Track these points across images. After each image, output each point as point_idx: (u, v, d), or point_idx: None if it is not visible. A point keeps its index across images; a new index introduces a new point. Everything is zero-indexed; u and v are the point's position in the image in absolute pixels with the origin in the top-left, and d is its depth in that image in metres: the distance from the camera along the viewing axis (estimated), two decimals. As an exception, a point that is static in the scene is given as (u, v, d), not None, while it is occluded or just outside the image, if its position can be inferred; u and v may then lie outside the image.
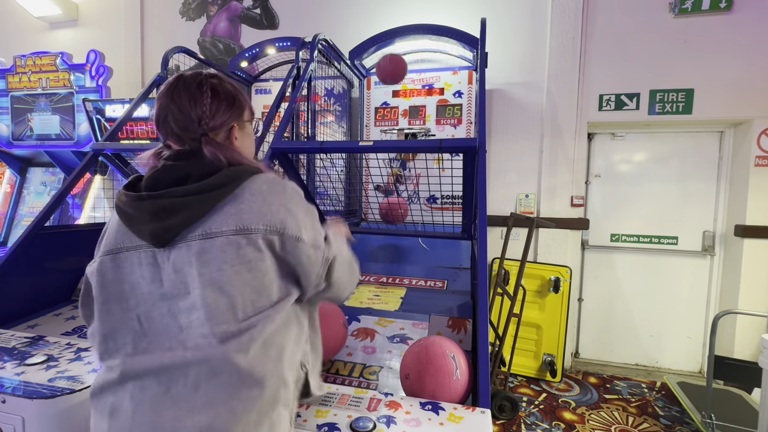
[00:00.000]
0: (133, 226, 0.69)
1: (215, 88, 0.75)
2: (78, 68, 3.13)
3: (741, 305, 2.58)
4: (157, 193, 0.68)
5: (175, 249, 0.67)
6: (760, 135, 2.57)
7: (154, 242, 0.68)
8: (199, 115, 0.72)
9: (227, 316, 0.66)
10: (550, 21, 2.81)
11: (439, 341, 1.13)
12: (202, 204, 0.67)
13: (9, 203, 3.46)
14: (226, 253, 0.66)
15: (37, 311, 1.70)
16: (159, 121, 0.74)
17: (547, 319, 2.71)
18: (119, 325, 0.69)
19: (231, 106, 0.76)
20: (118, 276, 0.70)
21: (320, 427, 0.87)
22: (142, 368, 0.67)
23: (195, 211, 0.67)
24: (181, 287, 0.67)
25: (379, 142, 1.63)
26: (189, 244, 0.67)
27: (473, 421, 0.90)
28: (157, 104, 0.74)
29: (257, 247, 0.67)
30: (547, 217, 2.83)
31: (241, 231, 0.67)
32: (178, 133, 0.73)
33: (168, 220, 0.66)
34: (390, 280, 2.02)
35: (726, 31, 2.59)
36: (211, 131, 0.74)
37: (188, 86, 0.73)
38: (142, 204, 0.68)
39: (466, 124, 2.74)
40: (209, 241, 0.66)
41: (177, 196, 0.67)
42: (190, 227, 0.67)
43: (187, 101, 0.72)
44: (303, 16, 3.31)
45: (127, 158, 2.13)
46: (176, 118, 0.72)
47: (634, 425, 2.22)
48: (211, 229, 0.67)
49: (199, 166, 0.70)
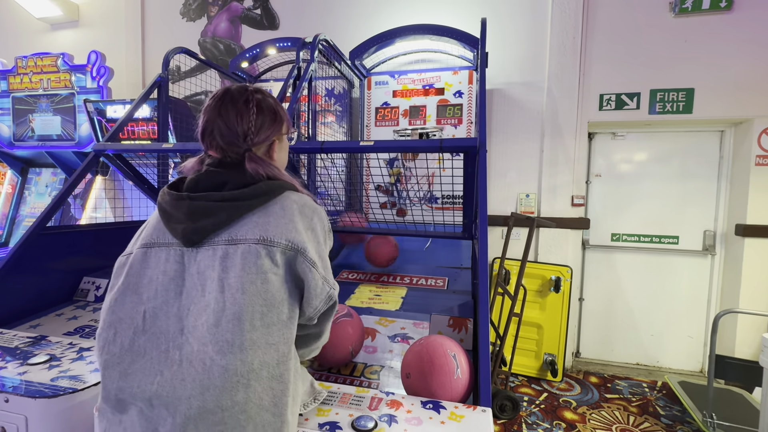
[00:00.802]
0: (170, 224, 0.72)
1: (260, 104, 0.78)
2: (79, 69, 3.14)
3: (742, 304, 2.58)
4: (195, 195, 0.71)
5: (202, 251, 0.70)
6: (760, 134, 2.57)
7: (184, 241, 0.70)
8: (245, 131, 0.76)
9: (233, 324, 0.64)
10: (551, 21, 2.82)
11: (441, 340, 1.14)
12: (234, 211, 0.70)
13: (10, 204, 3.47)
14: (246, 260, 0.67)
15: (39, 311, 1.71)
16: (205, 134, 0.77)
17: (548, 319, 2.71)
18: (124, 317, 0.69)
19: (273, 121, 0.80)
20: (142, 268, 0.72)
21: (322, 425, 0.87)
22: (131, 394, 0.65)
23: (225, 216, 0.70)
24: (199, 288, 0.68)
25: (380, 142, 1.63)
26: (215, 248, 0.69)
27: (474, 419, 0.90)
28: (204, 117, 0.77)
29: (275, 261, 0.68)
30: (548, 216, 2.84)
31: (263, 241, 0.68)
32: (223, 147, 0.76)
33: (200, 222, 0.69)
34: (391, 280, 2.02)
35: (726, 31, 2.59)
36: (254, 146, 0.77)
37: (235, 102, 0.76)
38: (180, 203, 0.71)
39: (467, 124, 2.74)
40: (233, 246, 0.69)
41: (212, 200, 0.70)
42: (219, 231, 0.70)
43: (234, 116, 0.75)
44: (303, 16, 3.32)
45: (128, 159, 2.14)
46: (222, 133, 0.75)
47: (635, 425, 2.22)
48: (237, 236, 0.69)
49: (238, 176, 0.73)
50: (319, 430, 0.86)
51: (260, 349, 0.65)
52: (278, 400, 0.66)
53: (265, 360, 0.66)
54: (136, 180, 2.17)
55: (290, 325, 0.71)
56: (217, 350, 0.63)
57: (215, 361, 0.63)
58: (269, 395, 0.65)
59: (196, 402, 0.62)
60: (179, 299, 0.68)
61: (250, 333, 0.65)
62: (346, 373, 1.32)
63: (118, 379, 0.66)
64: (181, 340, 0.66)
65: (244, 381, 0.63)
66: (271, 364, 0.66)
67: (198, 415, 0.61)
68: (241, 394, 0.63)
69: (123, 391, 0.65)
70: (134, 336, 0.68)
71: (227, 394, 0.62)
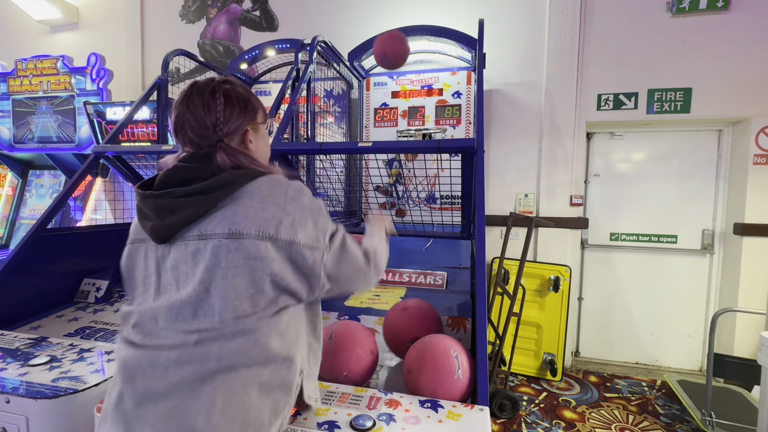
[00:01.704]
0: (142, 221, 0.74)
1: (228, 94, 0.77)
2: (79, 71, 3.15)
3: (740, 303, 2.59)
4: (159, 193, 0.71)
5: (174, 246, 0.71)
6: (758, 133, 2.58)
7: (153, 238, 0.72)
8: (214, 122, 0.75)
9: (208, 317, 0.66)
10: (548, 21, 2.83)
11: (444, 340, 1.13)
12: (199, 205, 0.69)
13: (11, 206, 3.48)
14: (217, 255, 0.67)
15: (40, 313, 1.72)
16: (177, 129, 0.77)
17: (547, 318, 2.72)
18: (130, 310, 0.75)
19: (244, 110, 0.79)
20: (129, 264, 0.77)
21: (320, 425, 0.87)
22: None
23: (192, 211, 0.69)
24: (173, 283, 0.70)
25: (378, 143, 1.64)
26: (186, 244, 0.70)
27: (472, 418, 0.91)
28: (174, 113, 0.77)
29: (247, 253, 0.67)
30: (547, 216, 2.84)
31: (233, 235, 0.67)
32: (195, 140, 0.76)
33: (167, 219, 0.70)
34: (390, 279, 2.03)
35: (723, 30, 2.60)
36: (226, 137, 0.76)
37: (202, 93, 0.76)
38: (146, 201, 0.73)
39: (465, 125, 2.75)
40: (203, 242, 0.68)
41: (176, 197, 0.70)
42: (188, 227, 0.70)
43: (201, 108, 0.75)
44: (302, 18, 3.33)
45: (128, 160, 2.14)
46: (192, 126, 0.75)
47: (635, 423, 2.22)
48: (206, 231, 0.69)
49: (206, 169, 0.72)
50: (318, 429, 0.86)
51: (233, 341, 0.66)
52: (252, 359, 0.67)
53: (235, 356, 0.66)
54: (136, 182, 2.18)
55: (274, 305, 0.70)
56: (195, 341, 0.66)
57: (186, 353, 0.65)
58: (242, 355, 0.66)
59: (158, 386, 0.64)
60: (159, 293, 0.71)
61: (221, 325, 0.66)
62: (345, 373, 1.33)
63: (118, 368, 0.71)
64: (157, 330, 0.69)
65: (210, 375, 0.64)
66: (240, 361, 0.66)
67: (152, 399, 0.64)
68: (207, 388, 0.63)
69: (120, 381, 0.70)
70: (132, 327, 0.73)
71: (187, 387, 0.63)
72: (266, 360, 0.68)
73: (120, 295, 1.93)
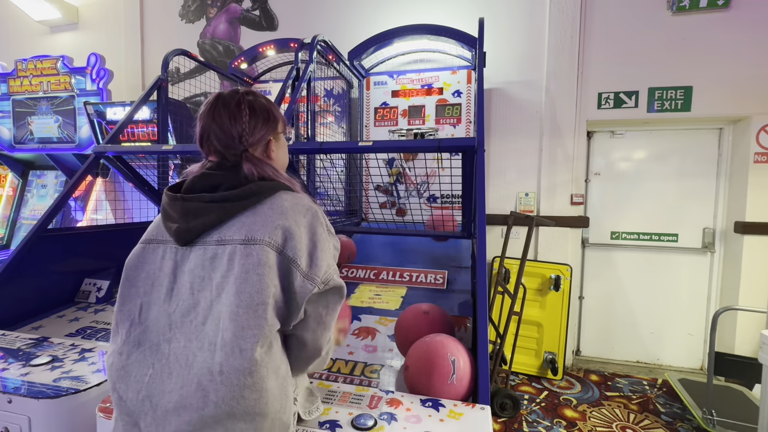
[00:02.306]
0: (167, 223, 0.75)
1: (252, 106, 0.80)
2: (79, 71, 3.15)
3: (741, 302, 2.58)
4: (188, 196, 0.74)
5: (195, 250, 0.72)
6: (759, 131, 2.57)
7: (177, 240, 0.73)
8: (240, 133, 0.77)
9: (215, 324, 0.66)
10: (549, 20, 2.82)
11: (445, 342, 1.13)
12: (223, 212, 0.72)
13: (11, 206, 3.48)
14: (231, 261, 0.68)
15: (41, 313, 1.72)
16: (203, 140, 0.79)
17: (548, 317, 2.72)
18: (124, 309, 0.74)
19: (267, 120, 0.81)
20: (140, 263, 0.76)
21: (322, 424, 0.88)
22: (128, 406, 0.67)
23: (216, 217, 0.72)
24: (188, 286, 0.70)
25: (379, 142, 1.64)
26: (206, 248, 0.71)
27: (473, 417, 0.91)
28: (200, 124, 0.80)
29: (258, 259, 0.67)
30: (547, 215, 2.84)
31: (248, 241, 0.69)
32: (221, 150, 0.78)
33: (192, 222, 0.72)
34: (391, 279, 2.03)
35: (724, 29, 2.59)
36: (251, 146, 0.79)
37: (227, 105, 0.78)
38: (175, 204, 0.74)
39: (466, 124, 2.74)
40: (221, 247, 0.70)
41: (203, 201, 0.73)
42: (209, 232, 0.72)
43: (227, 120, 0.77)
44: (302, 17, 3.32)
45: (128, 161, 2.14)
46: (218, 137, 0.77)
47: (636, 422, 2.22)
48: (225, 237, 0.71)
49: (233, 177, 0.75)
50: (320, 428, 0.86)
51: (236, 350, 0.64)
52: (251, 407, 0.64)
53: (239, 363, 0.64)
54: (137, 182, 2.18)
55: (272, 326, 0.68)
56: (199, 347, 0.66)
57: (197, 358, 0.65)
58: (240, 401, 0.63)
59: (175, 397, 0.64)
60: (170, 295, 0.71)
61: (224, 333, 0.65)
62: (346, 372, 1.33)
63: (118, 370, 0.69)
64: (170, 335, 0.68)
65: (216, 381, 0.63)
66: (245, 369, 0.64)
67: (173, 409, 0.63)
68: (212, 396, 0.63)
69: (120, 381, 0.68)
70: (131, 328, 0.72)
71: (200, 393, 0.63)
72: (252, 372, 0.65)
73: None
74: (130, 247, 0.80)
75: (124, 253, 0.79)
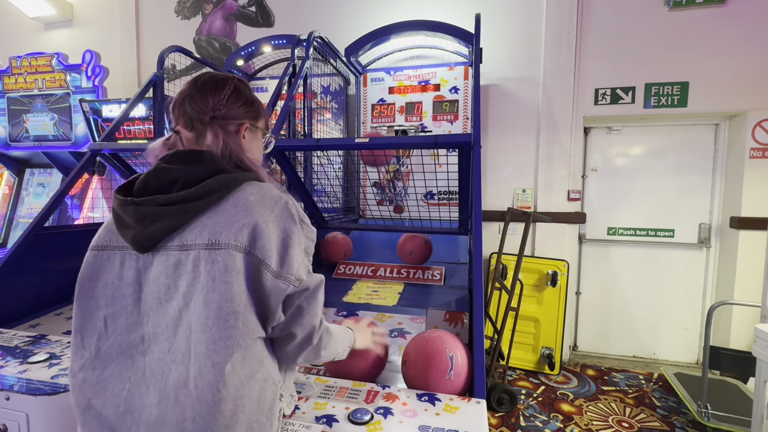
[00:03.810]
0: (121, 228, 0.69)
1: (238, 87, 0.77)
2: (74, 69, 3.13)
3: (737, 296, 2.60)
4: (140, 200, 0.67)
5: (158, 256, 0.67)
6: (754, 127, 2.58)
7: (136, 247, 0.67)
8: (215, 102, 0.74)
9: (186, 335, 0.63)
10: (546, 16, 2.82)
11: (444, 337, 1.13)
12: (183, 214, 0.66)
13: (8, 204, 3.47)
14: (197, 268, 0.63)
15: (38, 311, 1.72)
16: (176, 104, 0.75)
17: (545, 313, 2.74)
18: (87, 323, 0.68)
19: (247, 106, 0.78)
20: (94, 272, 0.69)
21: (318, 418, 0.88)
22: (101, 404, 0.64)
23: (176, 220, 0.66)
24: (155, 296, 0.66)
25: (375, 139, 1.64)
26: (168, 254, 0.66)
27: (469, 411, 0.92)
28: (180, 90, 0.77)
29: (224, 265, 0.63)
30: (544, 211, 2.85)
31: (212, 246, 0.64)
32: (190, 114, 0.73)
33: (150, 228, 0.66)
34: (388, 275, 2.03)
35: (720, 24, 2.60)
36: (222, 119, 0.74)
37: (214, 78, 0.76)
38: (127, 208, 0.68)
39: (463, 120, 2.74)
40: (184, 253, 0.65)
41: (159, 205, 0.66)
42: (170, 236, 0.66)
43: (209, 89, 0.75)
44: (298, 13, 3.31)
45: (124, 158, 2.14)
46: (194, 100, 0.74)
47: (632, 416, 2.24)
48: (187, 241, 0.65)
49: (189, 172, 0.68)
50: (316, 422, 0.87)
51: (208, 364, 0.61)
52: (229, 418, 0.62)
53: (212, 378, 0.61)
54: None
55: (246, 334, 0.64)
56: (173, 360, 0.63)
57: (171, 371, 0.62)
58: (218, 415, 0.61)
59: (155, 411, 0.61)
60: (138, 306, 0.66)
61: (197, 346, 0.62)
62: (344, 368, 1.33)
63: (93, 385, 0.65)
64: (143, 347, 0.65)
65: (192, 396, 0.61)
66: (218, 382, 0.61)
67: (155, 423, 0.61)
68: (189, 412, 0.60)
69: (97, 396, 0.64)
70: (99, 341, 0.67)
71: (179, 409, 0.61)
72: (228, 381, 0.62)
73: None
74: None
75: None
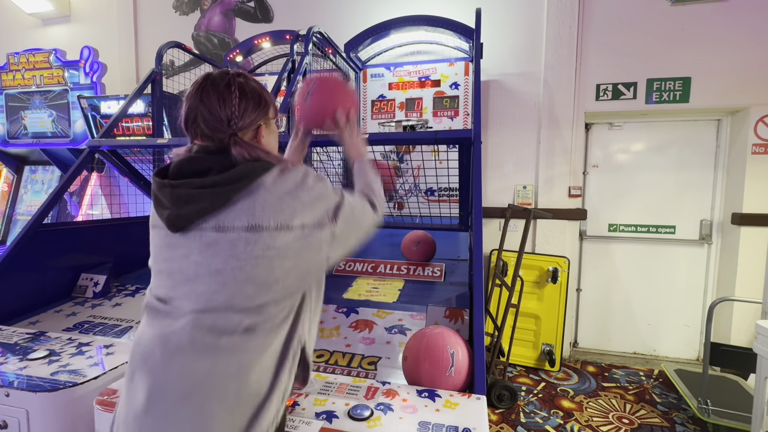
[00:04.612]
0: (158, 208, 0.74)
1: (242, 88, 0.76)
2: (72, 65, 3.11)
3: (738, 293, 2.60)
4: (176, 182, 0.71)
5: (189, 235, 0.71)
6: (757, 122, 2.57)
7: (169, 226, 0.72)
8: (228, 116, 0.74)
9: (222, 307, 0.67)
10: (547, 10, 2.80)
11: (445, 334, 1.12)
12: (217, 197, 0.69)
13: (7, 202, 3.46)
14: (236, 247, 0.67)
15: (38, 308, 1.72)
16: (188, 122, 0.76)
17: (546, 310, 2.73)
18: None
19: (258, 104, 0.78)
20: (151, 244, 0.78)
21: (319, 414, 0.88)
22: None
23: (209, 203, 0.69)
24: (184, 272, 0.70)
25: (375, 135, 1.63)
26: (201, 234, 0.70)
27: (469, 407, 0.92)
28: (186, 104, 0.76)
29: (266, 244, 0.68)
30: (545, 207, 2.84)
31: (253, 228, 0.68)
32: (208, 134, 0.75)
33: (184, 209, 0.70)
34: (388, 271, 2.03)
35: (723, 19, 2.57)
36: (240, 131, 0.76)
37: (216, 86, 0.75)
38: (164, 190, 0.72)
39: (463, 116, 2.73)
40: (221, 234, 0.69)
41: (193, 188, 0.70)
42: (204, 218, 0.70)
43: (216, 102, 0.74)
44: (297, 8, 3.29)
45: (123, 155, 2.13)
46: (206, 119, 0.74)
47: (632, 412, 2.24)
48: (225, 223, 0.69)
49: (222, 161, 0.72)
50: (316, 418, 0.87)
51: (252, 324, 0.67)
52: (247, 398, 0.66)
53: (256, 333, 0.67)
54: (132, 176, 2.17)
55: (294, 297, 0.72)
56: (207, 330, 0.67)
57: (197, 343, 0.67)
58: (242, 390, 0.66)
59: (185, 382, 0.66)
60: (171, 278, 0.72)
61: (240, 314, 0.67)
62: (344, 364, 1.34)
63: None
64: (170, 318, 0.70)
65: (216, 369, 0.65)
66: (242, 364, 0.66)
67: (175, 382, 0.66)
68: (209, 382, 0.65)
69: None
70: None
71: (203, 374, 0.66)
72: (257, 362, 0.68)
73: (118, 290, 1.93)
74: (126, 242, 0.79)
75: (121, 248, 0.79)
